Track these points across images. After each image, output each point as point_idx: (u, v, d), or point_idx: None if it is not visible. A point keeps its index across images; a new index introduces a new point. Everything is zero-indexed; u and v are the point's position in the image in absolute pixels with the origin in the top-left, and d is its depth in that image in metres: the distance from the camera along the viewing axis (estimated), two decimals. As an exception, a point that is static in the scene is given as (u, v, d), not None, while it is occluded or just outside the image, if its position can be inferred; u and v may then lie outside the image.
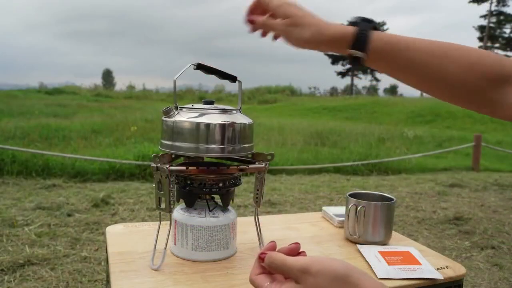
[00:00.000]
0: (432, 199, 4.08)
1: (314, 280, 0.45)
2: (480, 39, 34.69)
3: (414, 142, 8.51)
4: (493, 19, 33.47)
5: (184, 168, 0.76)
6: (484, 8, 47.91)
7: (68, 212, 3.05)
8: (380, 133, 8.97)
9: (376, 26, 0.61)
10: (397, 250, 0.88)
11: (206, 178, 0.79)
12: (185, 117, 0.76)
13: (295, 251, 0.51)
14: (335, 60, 42.96)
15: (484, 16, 33.62)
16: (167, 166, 0.74)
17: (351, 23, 0.62)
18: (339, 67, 43.52)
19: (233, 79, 0.85)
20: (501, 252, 2.75)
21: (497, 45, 34.59)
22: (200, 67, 0.79)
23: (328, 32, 0.62)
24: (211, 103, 0.81)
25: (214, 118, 0.76)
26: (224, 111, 0.79)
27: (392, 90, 50.00)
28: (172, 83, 0.79)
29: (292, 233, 1.01)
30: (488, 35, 32.99)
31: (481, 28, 34.19)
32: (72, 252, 2.36)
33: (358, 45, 0.60)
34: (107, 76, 63.00)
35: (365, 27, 0.60)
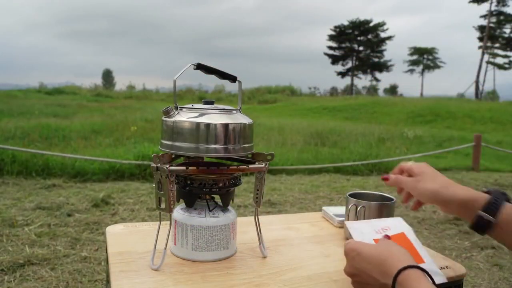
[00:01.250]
0: (432, 199, 4.08)
1: (355, 257, 0.64)
2: (480, 39, 34.69)
3: (414, 142, 8.51)
4: (493, 19, 33.46)
5: (184, 168, 0.76)
6: (484, 8, 47.93)
7: (68, 212, 3.05)
8: (380, 133, 8.97)
9: (509, 198, 0.68)
10: (391, 234, 0.78)
11: (206, 178, 0.79)
12: (185, 117, 0.76)
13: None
14: (335, 60, 42.98)
15: (484, 16, 33.62)
16: (167, 166, 0.74)
17: (485, 192, 0.69)
18: (339, 67, 43.56)
19: (233, 79, 0.85)
20: (501, 252, 2.75)
21: (497, 45, 34.60)
22: (200, 67, 0.79)
23: (461, 192, 0.70)
24: (211, 103, 0.81)
25: (214, 118, 0.76)
26: (224, 111, 0.79)
27: (392, 90, 49.97)
28: (172, 83, 0.79)
29: (292, 233, 1.01)
30: (488, 35, 32.97)
31: (481, 28, 34.19)
32: (72, 252, 2.36)
33: (490, 209, 0.65)
34: (107, 76, 62.93)
35: (498, 196, 0.67)
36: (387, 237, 0.73)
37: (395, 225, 0.79)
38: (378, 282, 0.60)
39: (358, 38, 41.86)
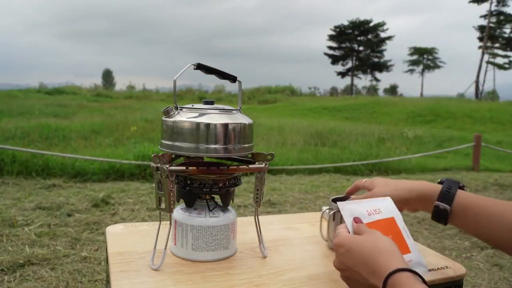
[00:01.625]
0: (432, 199, 4.08)
1: (343, 251, 0.62)
2: (480, 39, 34.69)
3: (414, 142, 8.51)
4: (493, 19, 33.46)
5: (184, 168, 0.76)
6: (484, 8, 47.93)
7: (68, 212, 3.05)
8: (380, 133, 8.96)
9: (461, 186, 0.72)
10: (379, 218, 0.73)
11: (206, 178, 0.79)
12: (185, 117, 0.76)
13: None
14: (335, 60, 42.98)
15: (484, 16, 33.62)
16: (167, 166, 0.74)
17: (440, 182, 0.73)
18: (339, 67, 43.56)
19: (233, 79, 0.85)
20: (501, 252, 2.75)
21: (497, 45, 34.59)
22: (200, 67, 0.79)
23: (417, 187, 0.74)
24: (211, 103, 0.81)
25: (214, 118, 0.76)
26: (224, 111, 0.79)
27: (392, 90, 49.95)
28: (172, 83, 0.79)
29: (292, 233, 1.01)
30: (488, 35, 32.97)
31: (481, 28, 34.19)
32: (72, 252, 2.36)
33: (445, 198, 0.70)
34: (107, 76, 62.86)
35: (451, 184, 0.71)
36: (358, 220, 0.69)
37: (386, 208, 0.75)
38: (367, 281, 0.60)
39: (358, 38, 41.85)
